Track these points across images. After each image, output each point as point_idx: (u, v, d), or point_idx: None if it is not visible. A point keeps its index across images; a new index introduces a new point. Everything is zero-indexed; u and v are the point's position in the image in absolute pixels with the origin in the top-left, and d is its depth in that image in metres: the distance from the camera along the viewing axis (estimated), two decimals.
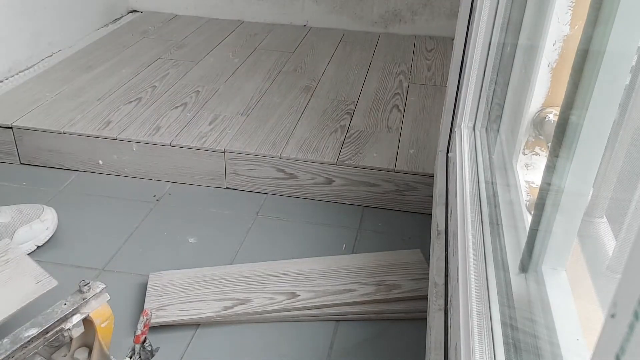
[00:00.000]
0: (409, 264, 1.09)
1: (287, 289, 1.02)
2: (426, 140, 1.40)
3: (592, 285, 0.55)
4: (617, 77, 0.48)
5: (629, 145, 0.53)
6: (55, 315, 0.77)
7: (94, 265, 1.09)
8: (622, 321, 0.22)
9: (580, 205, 0.54)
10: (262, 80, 1.69)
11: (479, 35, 1.00)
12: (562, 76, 0.72)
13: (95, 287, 0.81)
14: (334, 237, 1.20)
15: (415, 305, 1.01)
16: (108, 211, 1.25)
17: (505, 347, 0.57)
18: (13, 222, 1.09)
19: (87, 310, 0.80)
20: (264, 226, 1.23)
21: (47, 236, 1.14)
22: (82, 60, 1.77)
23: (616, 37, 0.47)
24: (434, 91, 1.67)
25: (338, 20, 2.18)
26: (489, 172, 0.86)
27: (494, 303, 0.62)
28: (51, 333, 0.77)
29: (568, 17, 0.69)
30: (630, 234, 0.49)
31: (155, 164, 1.36)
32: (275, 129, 1.41)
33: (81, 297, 0.80)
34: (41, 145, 1.38)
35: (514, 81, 0.83)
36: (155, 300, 0.99)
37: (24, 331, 0.75)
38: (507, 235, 0.68)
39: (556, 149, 0.55)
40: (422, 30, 2.15)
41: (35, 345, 0.76)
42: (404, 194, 1.28)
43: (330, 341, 0.96)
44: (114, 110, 1.46)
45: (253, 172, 1.32)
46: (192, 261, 1.11)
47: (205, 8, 2.24)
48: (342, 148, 1.34)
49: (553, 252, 0.55)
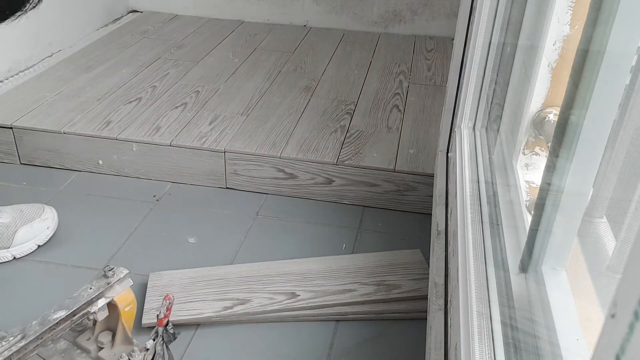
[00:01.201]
0: (409, 264, 1.09)
1: (287, 289, 1.02)
2: (426, 140, 1.39)
3: (592, 285, 0.55)
4: (617, 77, 0.48)
5: (629, 145, 0.53)
6: (81, 299, 0.81)
7: (94, 265, 1.09)
8: (622, 321, 0.22)
9: (580, 205, 0.54)
10: (262, 80, 1.69)
11: (479, 35, 1.00)
12: (562, 76, 0.72)
13: (119, 272, 0.85)
14: (334, 237, 1.20)
15: (415, 305, 1.01)
16: (108, 211, 1.25)
17: (505, 347, 0.57)
18: (14, 222, 1.09)
19: (112, 294, 0.84)
20: (264, 226, 1.23)
21: (48, 235, 1.14)
22: (82, 60, 1.77)
23: (616, 37, 0.47)
24: (434, 91, 1.67)
25: (338, 20, 2.18)
26: (489, 172, 0.86)
27: (494, 303, 0.62)
28: (78, 316, 0.80)
29: (568, 17, 0.69)
30: (630, 234, 0.49)
31: (155, 164, 1.36)
32: (275, 129, 1.41)
33: (106, 282, 0.84)
34: (41, 145, 1.38)
35: (514, 81, 0.83)
36: (155, 300, 0.99)
37: (52, 313, 0.78)
38: (507, 235, 0.68)
39: (556, 149, 0.55)
40: (422, 30, 2.15)
41: (62, 328, 0.79)
42: (404, 194, 1.28)
43: (330, 341, 0.96)
44: (114, 110, 1.46)
45: (253, 172, 1.32)
46: (192, 261, 1.11)
47: (205, 8, 2.24)
48: (342, 148, 1.34)
49: (553, 252, 0.55)
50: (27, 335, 0.74)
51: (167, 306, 0.81)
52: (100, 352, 0.86)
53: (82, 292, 0.82)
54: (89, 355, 0.87)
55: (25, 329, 0.76)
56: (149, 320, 0.95)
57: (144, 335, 0.90)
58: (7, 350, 0.73)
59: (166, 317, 0.82)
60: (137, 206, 1.27)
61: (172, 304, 0.81)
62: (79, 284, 0.87)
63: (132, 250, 1.14)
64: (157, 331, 0.83)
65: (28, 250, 1.11)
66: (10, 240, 1.08)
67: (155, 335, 0.83)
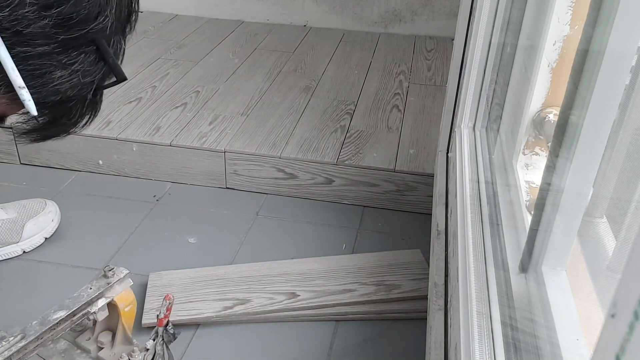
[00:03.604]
0: (409, 264, 1.09)
1: (287, 289, 1.02)
2: (426, 140, 1.39)
3: (592, 285, 0.55)
4: (617, 77, 0.48)
5: (629, 145, 0.53)
6: (81, 299, 0.81)
7: (94, 265, 1.09)
8: (622, 321, 0.22)
9: (580, 205, 0.54)
10: (262, 80, 1.69)
11: (479, 35, 1.00)
12: (562, 76, 0.72)
13: (119, 273, 0.85)
14: (334, 237, 1.20)
15: (415, 305, 1.01)
16: (108, 211, 1.25)
17: (505, 347, 0.57)
18: (20, 217, 1.10)
19: (112, 294, 0.84)
20: (264, 226, 1.22)
21: (54, 228, 1.15)
22: None
23: (616, 37, 0.47)
24: (434, 91, 1.67)
25: (338, 20, 2.18)
26: (489, 172, 0.86)
27: (494, 303, 0.62)
28: (78, 316, 0.80)
29: (568, 17, 0.69)
30: (630, 234, 0.49)
31: (155, 164, 1.36)
32: (275, 129, 1.41)
33: (106, 282, 0.84)
34: (41, 145, 1.38)
35: (514, 81, 0.83)
36: (155, 300, 0.99)
37: (52, 313, 0.78)
38: (507, 235, 0.68)
39: (556, 149, 0.55)
40: (422, 30, 2.15)
41: (62, 328, 0.79)
42: (404, 194, 1.28)
43: (330, 341, 0.96)
44: (114, 110, 1.46)
45: (253, 172, 1.32)
46: (192, 261, 1.11)
47: (205, 8, 2.24)
48: (342, 148, 1.34)
49: (553, 252, 0.55)
50: (27, 335, 0.75)
51: (167, 306, 0.81)
52: (100, 352, 0.86)
53: (82, 292, 0.82)
54: (89, 355, 0.87)
55: (25, 329, 0.76)
56: (149, 320, 0.95)
57: (144, 335, 0.90)
58: (7, 351, 0.73)
59: (166, 317, 0.82)
60: (137, 206, 1.27)
61: (172, 304, 0.81)
62: (79, 284, 0.87)
63: (132, 250, 1.14)
64: (157, 331, 0.83)
65: (37, 243, 1.12)
66: (20, 235, 1.09)
67: (155, 335, 0.83)
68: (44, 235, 1.13)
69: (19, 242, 1.09)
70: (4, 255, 1.09)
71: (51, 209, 1.15)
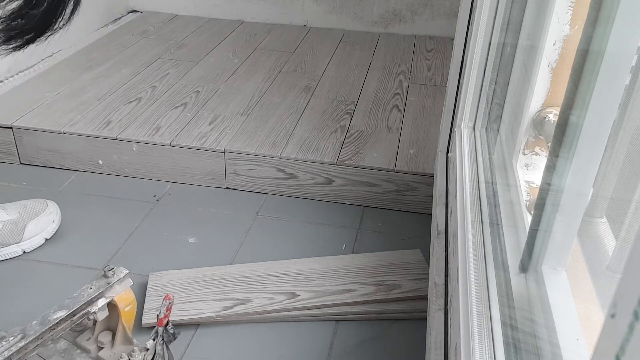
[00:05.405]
0: (409, 264, 1.09)
1: (287, 289, 1.02)
2: (426, 140, 1.40)
3: (592, 285, 0.55)
4: (617, 77, 0.48)
5: (629, 145, 0.53)
6: (82, 299, 0.81)
7: (94, 265, 1.09)
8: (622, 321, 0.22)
9: (580, 205, 0.54)
10: (262, 80, 1.69)
11: (479, 35, 1.00)
12: (562, 76, 0.72)
13: (119, 272, 0.85)
14: (334, 237, 1.20)
15: (415, 305, 1.01)
16: (108, 211, 1.25)
17: (505, 347, 0.57)
18: (22, 218, 1.10)
19: (112, 294, 0.84)
20: (264, 226, 1.23)
21: (54, 229, 1.15)
22: (82, 60, 1.77)
23: (616, 37, 0.47)
24: (434, 91, 1.67)
25: (338, 20, 2.18)
26: (489, 172, 0.86)
27: (494, 303, 0.62)
28: (78, 316, 0.80)
29: (568, 17, 0.69)
30: (630, 234, 0.49)
31: (155, 164, 1.36)
32: (275, 129, 1.41)
33: (106, 282, 0.84)
34: (41, 145, 1.38)
35: (514, 81, 0.83)
36: (155, 300, 0.99)
37: (52, 313, 0.78)
38: (507, 235, 0.68)
39: (556, 149, 0.55)
40: (422, 30, 2.15)
41: (62, 327, 0.79)
42: (404, 194, 1.28)
43: (330, 341, 0.96)
44: (114, 110, 1.46)
45: (253, 172, 1.32)
46: (192, 261, 1.11)
47: (205, 8, 2.24)
48: (342, 148, 1.34)
49: (553, 252, 0.55)
50: (27, 335, 0.75)
51: (167, 306, 0.81)
52: (100, 352, 0.86)
53: (82, 292, 0.82)
54: (89, 355, 0.87)
55: (25, 329, 0.76)
56: (149, 320, 0.95)
57: (144, 335, 0.90)
58: (7, 350, 0.73)
59: (166, 317, 0.82)
60: (137, 206, 1.27)
61: (172, 304, 0.81)
62: (79, 284, 0.87)
63: (132, 250, 1.14)
64: (157, 331, 0.83)
65: (37, 244, 1.12)
66: (21, 236, 1.09)
67: (155, 335, 0.83)
68: (45, 236, 1.13)
69: (19, 242, 1.10)
70: (5, 256, 1.09)
71: (52, 210, 1.15)
